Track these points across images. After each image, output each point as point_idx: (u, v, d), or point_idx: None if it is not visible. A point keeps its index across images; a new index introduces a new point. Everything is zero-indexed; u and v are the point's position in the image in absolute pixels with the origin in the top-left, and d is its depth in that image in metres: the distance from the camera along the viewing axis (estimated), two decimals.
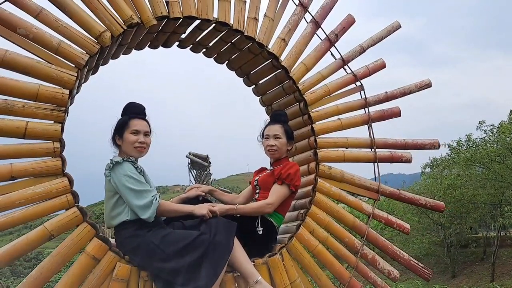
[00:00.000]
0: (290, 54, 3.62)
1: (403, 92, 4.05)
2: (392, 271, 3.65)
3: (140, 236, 2.80)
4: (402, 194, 3.89)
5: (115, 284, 2.75)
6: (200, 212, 2.96)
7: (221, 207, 3.11)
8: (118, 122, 3.02)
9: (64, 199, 2.71)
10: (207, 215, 2.95)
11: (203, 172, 15.89)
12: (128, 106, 3.06)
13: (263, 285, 2.90)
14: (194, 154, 15.60)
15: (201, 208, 2.99)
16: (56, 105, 2.75)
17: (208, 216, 2.95)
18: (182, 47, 3.82)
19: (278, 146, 3.39)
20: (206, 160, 15.73)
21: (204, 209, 2.97)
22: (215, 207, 3.05)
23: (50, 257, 2.65)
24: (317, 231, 3.42)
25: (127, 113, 3.04)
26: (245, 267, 2.95)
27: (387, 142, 3.91)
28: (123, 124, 2.99)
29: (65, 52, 2.79)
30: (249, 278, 2.92)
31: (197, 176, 15.78)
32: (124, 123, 2.99)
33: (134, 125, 2.98)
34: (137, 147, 2.96)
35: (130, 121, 3.00)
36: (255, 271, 2.97)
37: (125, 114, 3.04)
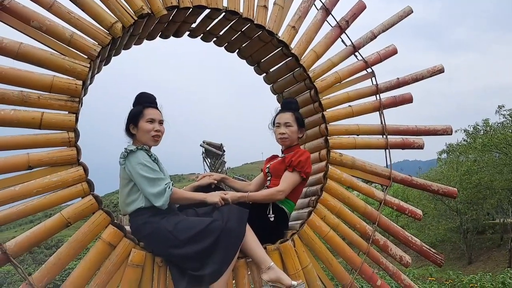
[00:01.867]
0: (300, 41, 3.62)
1: (415, 78, 4.02)
2: (404, 256, 3.66)
3: (154, 222, 2.86)
4: (413, 180, 3.88)
5: (131, 270, 2.82)
6: (212, 200, 3.01)
7: (233, 195, 3.15)
8: (132, 111, 3.07)
9: (80, 188, 2.78)
10: (219, 202, 3.00)
11: (218, 160, 15.95)
12: (140, 95, 3.11)
13: (275, 271, 2.95)
14: (208, 142, 15.64)
15: (213, 196, 3.04)
16: (70, 95, 2.80)
17: (220, 204, 3.00)
18: (192, 37, 3.84)
19: (289, 134, 3.41)
20: (220, 149, 15.79)
21: (216, 197, 3.02)
22: (227, 194, 3.10)
23: (68, 244, 2.74)
24: (328, 218, 3.44)
25: (140, 102, 3.09)
26: (257, 253, 3.00)
27: (399, 128, 3.90)
28: (138, 113, 3.04)
29: (77, 43, 2.84)
30: (262, 264, 2.98)
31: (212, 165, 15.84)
32: (138, 112, 3.04)
33: (149, 114, 3.04)
34: (154, 136, 3.03)
35: (145, 110, 3.05)
36: (267, 257, 3.02)
37: (138, 103, 3.09)
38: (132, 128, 3.03)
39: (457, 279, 6.18)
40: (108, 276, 2.79)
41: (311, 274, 3.30)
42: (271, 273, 2.94)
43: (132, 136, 3.06)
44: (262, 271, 2.97)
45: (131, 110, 3.07)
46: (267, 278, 2.94)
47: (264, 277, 2.95)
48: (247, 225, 2.99)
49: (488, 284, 5.67)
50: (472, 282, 5.83)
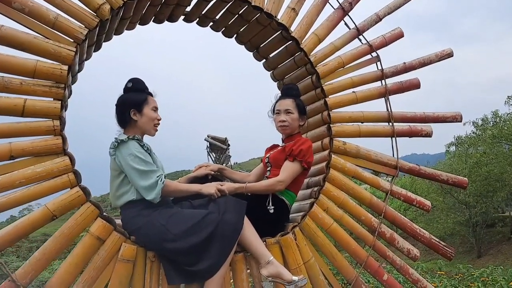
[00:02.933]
0: (300, 24, 3.43)
1: (423, 62, 3.82)
2: (411, 250, 3.48)
3: (146, 215, 2.70)
4: (422, 169, 3.69)
5: (121, 265, 2.67)
6: (208, 191, 2.84)
7: (230, 186, 2.97)
8: (135, 97, 2.87)
9: (66, 179, 2.62)
10: (215, 194, 2.83)
11: (222, 155, 15.84)
12: (138, 81, 2.92)
13: (275, 266, 2.78)
14: (213, 137, 15.53)
15: (209, 187, 2.86)
16: (55, 81, 2.64)
17: (216, 196, 2.83)
18: (188, 21, 3.67)
19: (290, 122, 3.23)
20: (225, 143, 15.67)
21: (212, 188, 2.85)
22: (223, 185, 2.92)
23: (53, 238, 2.58)
24: (331, 209, 3.27)
25: (142, 89, 2.93)
26: (256, 247, 2.83)
27: (406, 115, 3.70)
28: (143, 100, 2.88)
29: (62, 26, 2.68)
30: (261, 259, 2.81)
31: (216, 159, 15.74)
32: (144, 99, 2.89)
33: (153, 102, 2.93)
34: (156, 125, 2.94)
35: (149, 98, 2.92)
36: (266, 251, 2.85)
37: (139, 90, 2.91)
38: (134, 114, 2.85)
39: (467, 273, 5.99)
40: (97, 272, 2.64)
41: (314, 269, 3.14)
42: (271, 268, 2.78)
43: (125, 124, 2.88)
44: (261, 266, 2.81)
45: (131, 95, 2.87)
46: (267, 273, 2.78)
47: (264, 272, 2.79)
48: (245, 218, 2.82)
49: (500, 278, 5.47)
50: (483, 276, 5.64)
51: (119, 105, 2.88)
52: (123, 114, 2.86)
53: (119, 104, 2.88)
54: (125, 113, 2.85)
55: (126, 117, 2.86)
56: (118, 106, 2.88)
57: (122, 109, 2.86)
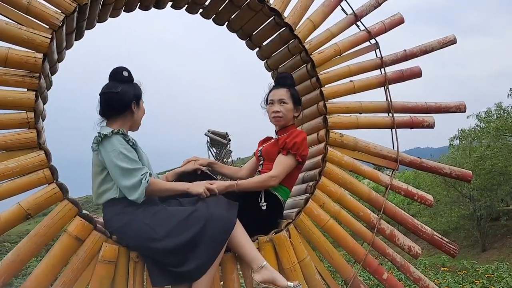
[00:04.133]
0: (294, 9, 3.24)
1: (424, 50, 3.62)
2: (413, 247, 3.30)
3: (128, 213, 2.53)
4: (424, 162, 3.50)
5: (102, 266, 2.50)
6: (196, 190, 2.64)
7: (220, 184, 2.77)
8: (138, 89, 2.75)
9: (41, 175, 2.45)
10: (204, 193, 2.64)
11: (223, 149, 15.66)
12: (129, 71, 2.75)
13: (269, 271, 2.60)
14: (213, 131, 15.33)
15: (198, 186, 2.67)
16: (28, 71, 2.46)
17: (205, 195, 2.64)
18: (176, 8, 3.47)
19: (284, 112, 3.06)
20: (225, 138, 15.48)
21: (200, 187, 2.66)
22: (213, 184, 2.73)
23: (28, 238, 2.41)
24: (328, 205, 3.09)
25: (133, 79, 2.76)
26: (248, 250, 2.65)
27: (407, 105, 3.51)
28: (141, 93, 2.76)
29: (36, 11, 2.50)
30: (253, 263, 2.62)
31: (217, 154, 15.56)
32: (141, 91, 2.77)
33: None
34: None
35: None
36: (259, 255, 2.66)
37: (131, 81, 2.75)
38: (134, 107, 2.69)
39: (472, 269, 5.81)
40: (75, 273, 2.47)
41: (309, 268, 2.96)
42: (265, 273, 2.59)
43: (116, 116, 2.68)
44: (253, 271, 2.62)
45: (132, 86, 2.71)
46: (260, 279, 2.59)
47: (256, 277, 2.59)
48: (237, 219, 2.63)
49: (505, 274, 5.29)
50: (488, 272, 5.46)
51: (121, 94, 2.64)
52: (125, 105, 2.67)
53: (121, 93, 2.64)
54: (127, 105, 2.67)
55: (125, 109, 2.68)
56: (118, 95, 2.64)
57: (125, 99, 2.66)
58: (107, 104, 2.68)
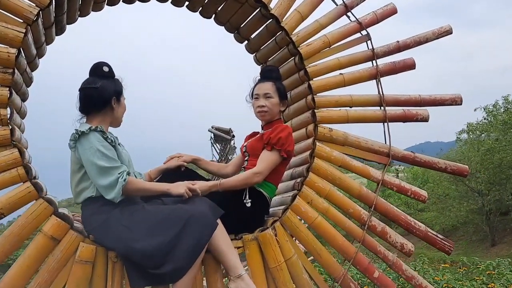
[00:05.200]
0: (281, 1, 3.13)
1: (418, 41, 3.49)
2: (405, 244, 3.19)
3: (105, 213, 2.45)
4: (417, 157, 3.38)
5: (78, 267, 2.43)
6: (177, 191, 2.54)
7: (203, 185, 2.66)
8: (119, 84, 2.68)
9: (15, 173, 2.38)
10: (186, 194, 2.55)
11: (227, 146, 15.58)
12: (110, 66, 2.67)
13: (245, 282, 2.49)
14: (217, 127, 15.25)
15: (179, 186, 2.57)
16: (1, 66, 2.40)
17: (187, 196, 2.55)
18: (161, 1, 3.38)
19: (269, 107, 2.97)
20: (229, 134, 15.40)
21: (181, 187, 2.55)
22: (195, 184, 2.63)
23: (2, 238, 2.35)
24: (316, 202, 2.99)
25: (113, 75, 2.69)
26: (228, 257, 2.54)
27: (399, 98, 3.39)
28: (122, 88, 2.70)
29: (9, 5, 2.43)
30: (231, 271, 2.51)
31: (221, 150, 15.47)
32: (122, 87, 2.70)
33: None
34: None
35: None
36: (239, 264, 2.53)
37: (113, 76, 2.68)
38: (114, 103, 2.63)
39: (473, 266, 5.68)
40: (51, 274, 2.40)
41: (296, 267, 2.87)
42: (241, 284, 2.49)
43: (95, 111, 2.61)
44: (230, 280, 2.52)
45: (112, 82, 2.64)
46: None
47: (232, 286, 2.50)
48: (219, 223, 2.54)
49: (507, 270, 5.16)
50: (489, 269, 5.34)
51: (100, 90, 2.57)
52: (104, 101, 2.59)
53: (101, 89, 2.57)
54: (106, 100, 2.60)
55: (105, 105, 2.61)
56: (97, 91, 2.57)
57: (104, 95, 2.59)
58: (86, 100, 2.61)
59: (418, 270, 5.18)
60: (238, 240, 2.81)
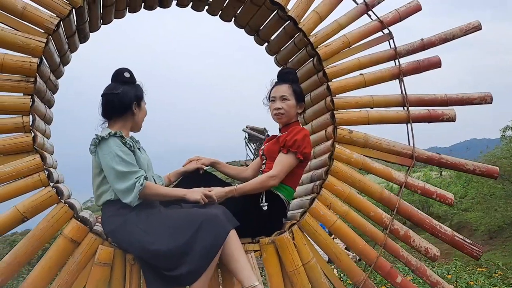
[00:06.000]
0: (298, 1, 3.10)
1: (444, 38, 3.37)
2: (430, 249, 3.09)
3: (122, 215, 2.51)
4: (443, 159, 3.27)
5: (98, 269, 2.50)
6: (194, 197, 2.58)
7: (219, 191, 2.68)
8: (140, 90, 2.75)
9: (37, 178, 2.48)
10: (201, 200, 2.57)
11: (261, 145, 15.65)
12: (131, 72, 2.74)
13: None
14: (251, 127, 15.28)
15: (195, 192, 2.59)
16: (24, 75, 2.50)
17: (203, 202, 2.57)
18: (181, 6, 3.43)
19: (286, 109, 2.95)
20: (264, 133, 15.41)
21: (197, 193, 2.58)
22: (211, 191, 2.65)
23: (25, 241, 2.45)
24: (335, 205, 2.95)
25: (135, 80, 2.76)
26: (241, 267, 2.48)
27: (423, 98, 3.29)
28: (143, 94, 2.77)
29: (31, 16, 2.53)
30: (245, 281, 2.44)
31: (255, 150, 15.49)
32: (143, 93, 2.77)
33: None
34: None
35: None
36: (252, 275, 2.46)
37: (133, 82, 2.75)
38: (135, 108, 2.70)
39: (510, 271, 5.43)
40: (72, 276, 2.49)
41: (315, 271, 2.84)
42: None
43: (117, 116, 2.68)
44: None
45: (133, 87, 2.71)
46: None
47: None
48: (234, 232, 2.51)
49: None
50: None
51: (121, 96, 2.64)
52: (125, 106, 2.66)
53: (122, 95, 2.64)
54: (127, 106, 2.67)
55: (126, 110, 2.67)
56: (118, 96, 2.64)
57: (125, 100, 2.65)
58: (108, 105, 2.68)
59: (452, 274, 5.01)
60: (255, 244, 2.81)
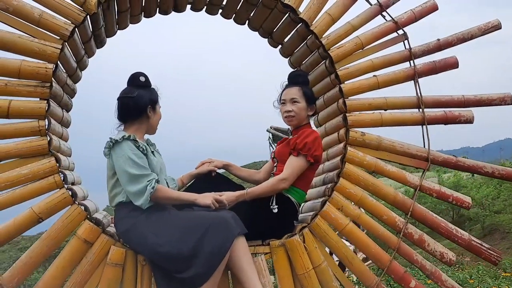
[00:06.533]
0: (310, 4, 3.09)
1: (462, 38, 3.29)
2: (445, 253, 3.03)
3: (133, 217, 2.57)
4: (460, 161, 3.20)
5: (110, 269, 2.56)
6: (204, 202, 2.61)
7: (229, 196, 2.71)
8: (154, 93, 2.81)
9: (52, 180, 2.56)
10: (212, 205, 2.60)
11: None
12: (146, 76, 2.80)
13: None
14: (275, 128, 15.24)
15: (205, 197, 2.63)
16: (40, 81, 2.59)
17: (213, 207, 2.60)
18: (196, 10, 3.46)
19: (296, 112, 2.96)
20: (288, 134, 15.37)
21: (208, 198, 2.62)
22: (222, 195, 2.68)
23: (40, 241, 2.54)
24: (347, 208, 2.93)
25: (150, 84, 2.82)
26: (248, 276, 2.50)
27: (439, 99, 3.22)
28: (157, 97, 2.83)
29: (47, 23, 2.61)
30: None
31: None
32: (157, 96, 2.83)
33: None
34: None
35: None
36: (257, 282, 2.48)
37: (148, 86, 2.81)
38: (149, 111, 2.75)
39: None
40: (85, 276, 2.56)
41: (326, 274, 2.83)
42: None
43: (133, 119, 2.74)
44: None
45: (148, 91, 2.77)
46: None
47: None
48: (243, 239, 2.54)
49: None
50: None
51: (136, 99, 2.70)
52: (140, 110, 2.72)
53: (137, 98, 2.71)
54: (142, 109, 2.73)
55: (141, 113, 2.74)
56: (133, 100, 2.70)
57: (140, 104, 2.71)
58: (123, 109, 2.75)
59: (474, 279, 4.89)
60: (265, 246, 2.82)
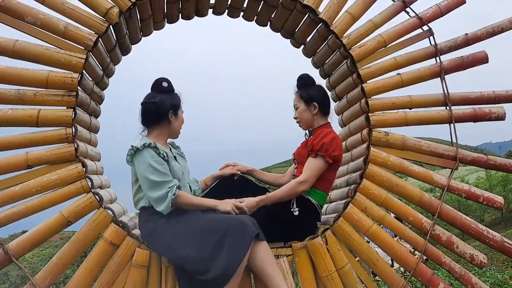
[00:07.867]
0: (330, 3, 3.06)
1: (491, 32, 3.17)
2: (476, 255, 2.93)
3: (153, 221, 2.63)
4: (490, 160, 3.08)
5: (135, 270, 2.65)
6: (224, 208, 2.66)
7: (250, 202, 2.74)
8: (176, 99, 2.88)
9: (79, 185, 2.67)
10: (232, 212, 2.64)
11: None
12: (169, 81, 2.88)
13: None
14: None
15: (226, 204, 2.68)
16: (66, 90, 2.70)
17: (233, 213, 2.64)
18: (217, 14, 3.50)
19: (299, 117, 3.10)
20: None
21: (228, 205, 2.67)
22: (242, 202, 2.71)
23: (70, 243, 2.65)
24: (371, 210, 2.88)
25: (173, 89, 2.89)
26: (271, 274, 2.50)
27: (468, 96, 3.11)
28: (180, 102, 2.90)
29: (72, 34, 2.72)
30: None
31: None
32: (180, 101, 2.90)
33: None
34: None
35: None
36: (283, 283, 2.49)
37: (172, 91, 2.88)
38: (171, 116, 2.82)
39: None
40: (112, 276, 2.65)
41: (349, 276, 2.81)
42: None
43: (155, 124, 2.82)
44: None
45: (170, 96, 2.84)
46: None
47: None
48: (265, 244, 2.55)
49: None
50: None
51: (158, 104, 2.78)
52: (162, 115, 2.80)
53: (159, 103, 2.78)
54: (164, 114, 2.80)
55: (163, 118, 2.81)
56: (155, 105, 2.77)
57: (162, 109, 2.79)
58: (145, 114, 2.83)
59: None
60: (287, 248, 2.83)
